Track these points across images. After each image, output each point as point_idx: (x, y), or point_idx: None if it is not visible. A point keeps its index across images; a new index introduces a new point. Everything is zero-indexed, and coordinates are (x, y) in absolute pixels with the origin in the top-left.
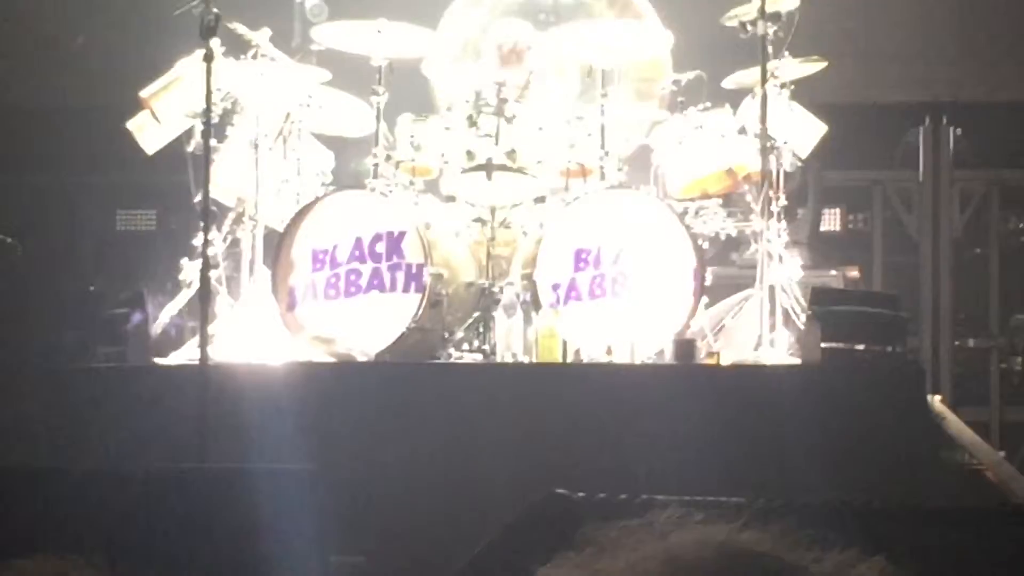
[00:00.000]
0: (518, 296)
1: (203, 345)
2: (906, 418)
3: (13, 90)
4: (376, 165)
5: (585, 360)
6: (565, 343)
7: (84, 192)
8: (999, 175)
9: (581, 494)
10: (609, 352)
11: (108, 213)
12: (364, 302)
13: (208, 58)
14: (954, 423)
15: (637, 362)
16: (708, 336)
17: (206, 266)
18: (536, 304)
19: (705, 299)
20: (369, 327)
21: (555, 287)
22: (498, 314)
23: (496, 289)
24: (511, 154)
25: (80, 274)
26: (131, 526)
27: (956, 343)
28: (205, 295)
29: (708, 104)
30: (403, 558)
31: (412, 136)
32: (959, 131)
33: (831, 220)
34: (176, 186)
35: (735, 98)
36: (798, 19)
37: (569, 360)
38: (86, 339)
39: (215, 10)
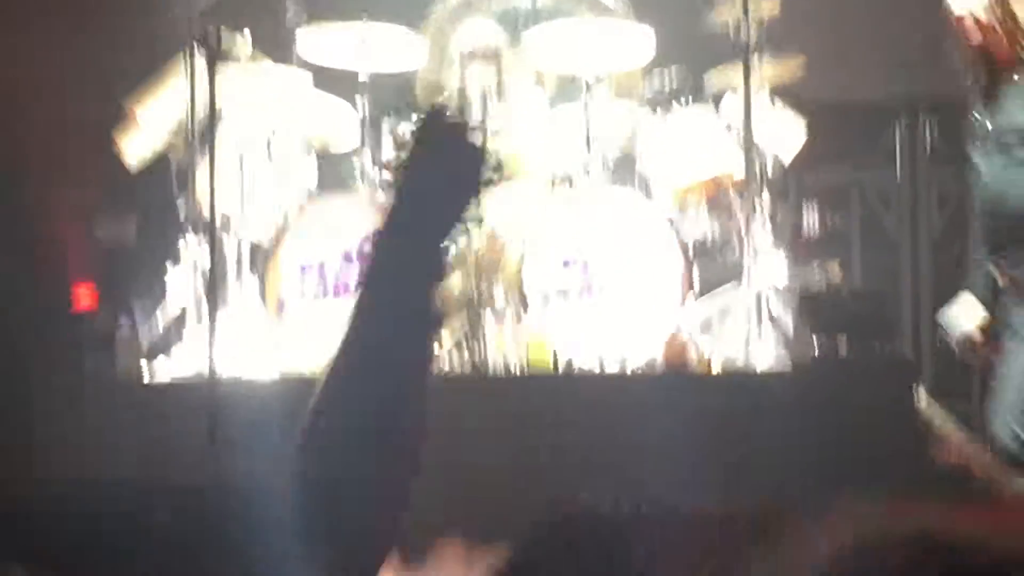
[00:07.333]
0: (506, 303)
1: (211, 357)
2: (898, 414)
3: None
4: (361, 168)
5: (576, 370)
6: (556, 352)
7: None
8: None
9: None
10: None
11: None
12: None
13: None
14: (940, 417)
15: (628, 371)
16: (696, 338)
17: (214, 273)
18: (524, 311)
19: (692, 301)
20: None
21: (543, 293)
22: (486, 322)
23: (483, 297)
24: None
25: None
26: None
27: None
28: (212, 303)
29: (690, 97)
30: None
31: (396, 136)
32: (937, 128)
33: (809, 219)
34: (157, 194)
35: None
36: (775, 17)
37: (560, 370)
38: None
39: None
